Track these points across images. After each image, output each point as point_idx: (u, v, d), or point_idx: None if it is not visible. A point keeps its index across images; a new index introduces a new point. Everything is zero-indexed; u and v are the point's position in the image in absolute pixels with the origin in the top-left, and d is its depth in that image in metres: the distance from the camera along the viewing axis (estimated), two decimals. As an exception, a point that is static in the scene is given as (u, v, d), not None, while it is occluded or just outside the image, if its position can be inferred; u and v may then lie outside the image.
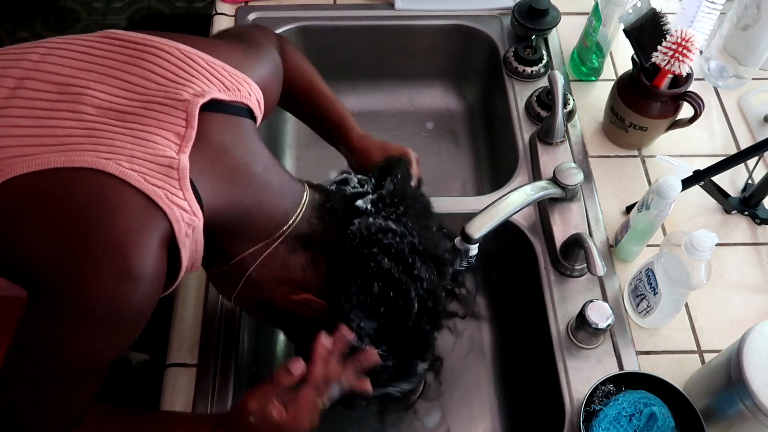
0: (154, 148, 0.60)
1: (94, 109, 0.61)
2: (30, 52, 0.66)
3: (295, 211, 0.70)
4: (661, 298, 0.85)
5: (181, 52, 0.68)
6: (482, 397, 1.05)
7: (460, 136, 1.34)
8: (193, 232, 0.62)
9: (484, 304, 1.14)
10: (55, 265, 0.56)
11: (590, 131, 1.12)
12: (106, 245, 0.56)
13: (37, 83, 0.63)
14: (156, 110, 0.63)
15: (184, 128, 0.63)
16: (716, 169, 0.95)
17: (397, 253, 0.68)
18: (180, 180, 0.60)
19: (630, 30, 0.99)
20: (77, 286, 0.55)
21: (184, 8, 2.47)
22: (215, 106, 0.67)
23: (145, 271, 0.57)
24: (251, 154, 0.69)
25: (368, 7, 1.26)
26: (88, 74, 0.64)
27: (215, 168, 0.64)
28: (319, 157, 1.28)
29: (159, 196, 0.58)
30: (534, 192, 0.89)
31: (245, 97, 0.70)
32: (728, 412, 0.77)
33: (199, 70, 0.68)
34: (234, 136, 0.68)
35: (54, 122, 0.60)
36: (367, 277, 0.67)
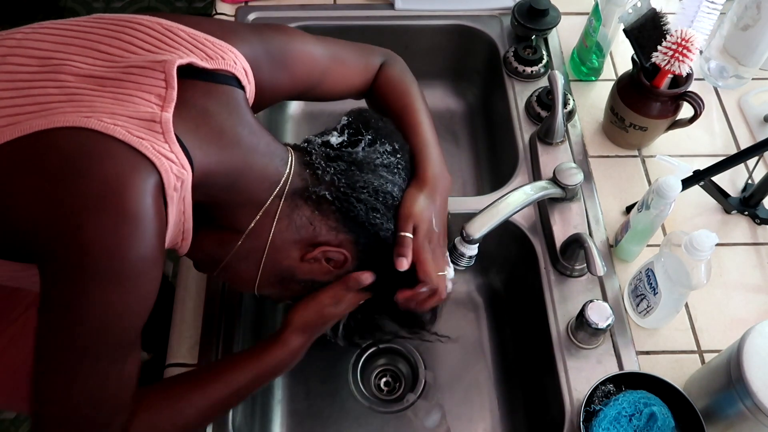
0: (135, 107, 0.60)
1: (74, 78, 0.61)
2: (15, 32, 0.66)
3: (285, 169, 0.71)
4: (661, 298, 0.85)
5: (162, 25, 0.68)
6: (482, 397, 1.05)
7: (460, 136, 1.34)
8: (182, 186, 0.61)
9: (484, 304, 1.14)
10: (51, 225, 0.55)
11: (590, 131, 1.12)
12: (99, 190, 0.55)
13: (19, 58, 0.63)
14: (135, 74, 0.63)
15: (164, 89, 0.62)
16: (716, 169, 0.95)
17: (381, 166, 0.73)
18: (164, 133, 0.59)
19: (630, 30, 0.99)
20: (77, 241, 0.54)
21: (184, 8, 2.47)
22: (198, 74, 0.67)
23: (142, 209, 0.56)
24: (236, 117, 0.68)
25: (368, 7, 1.26)
26: (69, 47, 0.64)
27: (200, 129, 0.64)
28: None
29: (145, 146, 0.57)
30: (534, 192, 0.89)
31: (230, 65, 0.70)
32: (728, 412, 0.77)
33: (180, 41, 0.68)
34: (219, 102, 0.67)
35: (35, 91, 0.60)
36: (377, 208, 0.71)
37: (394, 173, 0.75)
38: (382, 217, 0.72)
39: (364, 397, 1.03)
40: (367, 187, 0.71)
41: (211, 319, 0.91)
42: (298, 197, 0.70)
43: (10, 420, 1.64)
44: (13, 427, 1.63)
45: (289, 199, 0.70)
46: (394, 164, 0.75)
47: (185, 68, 0.65)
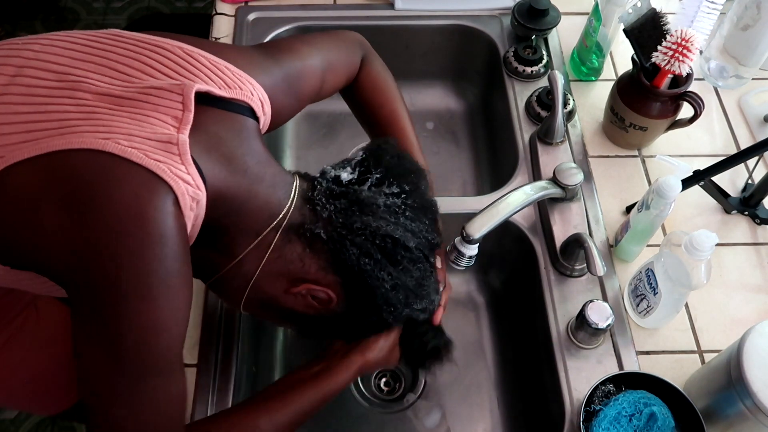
0: (152, 128, 0.60)
1: (91, 95, 0.61)
2: (33, 43, 0.66)
3: (287, 202, 0.70)
4: (661, 298, 0.85)
5: (182, 50, 0.68)
6: (482, 397, 1.05)
7: (460, 136, 1.34)
8: (197, 206, 0.62)
9: (484, 304, 1.15)
10: (76, 252, 0.56)
11: (590, 131, 1.12)
12: (121, 215, 0.56)
13: (36, 71, 0.63)
14: (153, 95, 0.63)
15: (181, 111, 0.63)
16: (716, 169, 0.95)
17: (384, 214, 0.70)
18: (181, 155, 0.60)
19: (630, 30, 0.99)
20: (105, 266, 0.55)
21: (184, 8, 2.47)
22: (214, 101, 0.67)
23: (165, 228, 0.57)
24: (246, 146, 0.68)
25: (368, 7, 1.26)
26: (87, 65, 0.64)
27: (212, 153, 0.64)
28: (319, 157, 1.29)
29: (162, 169, 0.58)
30: (534, 192, 0.89)
31: (246, 96, 0.70)
32: (728, 412, 0.77)
33: (200, 67, 0.68)
34: (230, 129, 0.68)
35: (52, 107, 0.60)
36: (371, 255, 0.69)
37: (397, 215, 0.71)
38: (375, 264, 0.69)
39: (364, 397, 1.03)
40: (365, 229, 0.68)
41: (211, 319, 0.92)
42: (293, 232, 0.69)
43: (10, 420, 1.64)
44: (12, 427, 1.63)
45: (284, 233, 0.69)
46: (399, 206, 0.71)
47: (202, 95, 0.66)
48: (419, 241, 0.71)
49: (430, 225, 0.74)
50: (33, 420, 1.64)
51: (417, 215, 0.72)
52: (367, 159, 0.75)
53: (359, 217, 0.69)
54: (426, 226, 0.73)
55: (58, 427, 1.64)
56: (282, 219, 0.69)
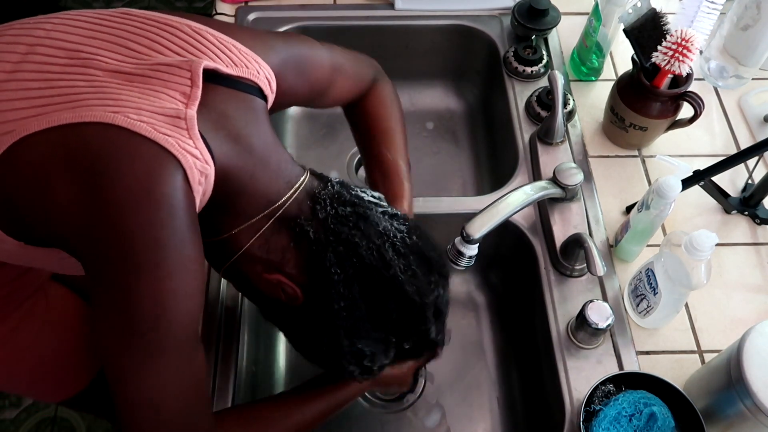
0: (160, 103, 0.61)
1: (102, 72, 0.62)
2: (45, 22, 0.67)
3: (288, 192, 0.70)
4: (661, 298, 0.85)
5: (191, 27, 0.69)
6: (482, 397, 1.05)
7: (460, 136, 1.34)
8: (206, 180, 0.62)
9: (484, 304, 1.15)
10: (89, 225, 0.56)
11: (590, 131, 1.12)
12: (131, 188, 0.56)
13: (48, 49, 0.64)
14: (162, 71, 0.64)
15: (189, 87, 0.63)
16: (716, 169, 0.95)
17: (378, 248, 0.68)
18: (189, 129, 0.60)
19: (630, 30, 0.99)
20: (118, 239, 0.56)
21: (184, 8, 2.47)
22: (221, 80, 0.67)
23: (175, 201, 0.58)
24: (253, 127, 0.69)
25: (368, 7, 1.26)
26: (98, 42, 0.65)
27: (219, 131, 0.65)
28: (319, 157, 1.29)
29: (171, 144, 0.58)
30: (534, 192, 0.89)
31: (253, 74, 0.71)
32: (728, 412, 0.77)
33: (207, 45, 0.68)
34: (237, 108, 0.68)
35: (63, 83, 0.61)
36: (345, 268, 0.67)
37: (393, 246, 0.69)
38: (344, 279, 0.67)
39: (364, 397, 1.03)
40: (351, 241, 0.67)
41: (212, 318, 0.91)
42: (284, 223, 0.69)
43: (10, 420, 1.64)
44: (12, 427, 1.63)
45: (276, 222, 0.69)
46: (399, 239, 0.70)
47: (210, 72, 0.66)
48: (407, 285, 0.68)
49: (426, 278, 0.70)
50: (33, 420, 1.64)
51: (416, 261, 0.70)
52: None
53: (353, 230, 0.68)
54: (423, 278, 0.70)
55: (58, 426, 1.64)
56: (277, 208, 0.69)
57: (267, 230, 0.69)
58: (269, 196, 0.69)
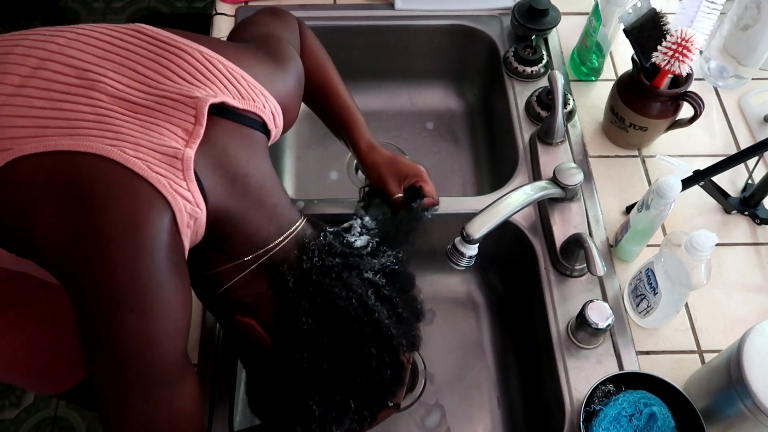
0: (160, 139, 0.61)
1: (107, 97, 0.62)
2: (59, 36, 0.67)
3: (276, 239, 0.69)
4: (661, 298, 0.85)
5: (202, 54, 0.68)
6: (482, 397, 1.05)
7: (460, 136, 1.34)
8: (195, 223, 0.62)
9: (484, 304, 1.14)
10: (72, 254, 0.56)
11: (590, 131, 1.12)
12: (115, 224, 0.56)
13: (58, 66, 0.63)
14: (167, 105, 0.63)
15: (193, 125, 0.63)
16: (716, 169, 0.95)
17: (356, 304, 0.67)
18: (184, 171, 0.60)
19: (630, 30, 0.99)
20: (98, 272, 0.56)
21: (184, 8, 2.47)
22: (227, 113, 0.67)
23: (158, 244, 0.58)
24: (252, 166, 0.68)
25: (368, 7, 1.26)
26: (108, 63, 0.65)
27: (216, 170, 0.65)
28: (319, 157, 1.29)
29: (162, 184, 0.58)
30: (534, 192, 0.89)
31: (259, 108, 0.70)
32: (728, 412, 0.77)
33: (217, 75, 0.68)
34: (239, 146, 0.68)
35: (67, 105, 0.61)
36: (317, 319, 0.67)
37: (377, 294, 0.69)
38: (312, 333, 0.66)
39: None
40: (331, 291, 0.67)
41: (211, 319, 0.91)
42: (266, 270, 0.69)
43: (10, 420, 1.64)
44: (12, 427, 1.63)
45: (259, 267, 0.69)
46: (377, 287, 0.70)
47: (216, 105, 0.66)
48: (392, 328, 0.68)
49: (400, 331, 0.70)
50: (33, 420, 1.64)
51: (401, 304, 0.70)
52: (382, 238, 0.76)
53: (334, 280, 0.68)
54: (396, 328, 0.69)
55: (58, 426, 1.64)
56: (263, 254, 0.69)
57: (248, 274, 0.69)
58: (257, 241, 0.69)
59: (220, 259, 0.69)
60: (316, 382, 0.67)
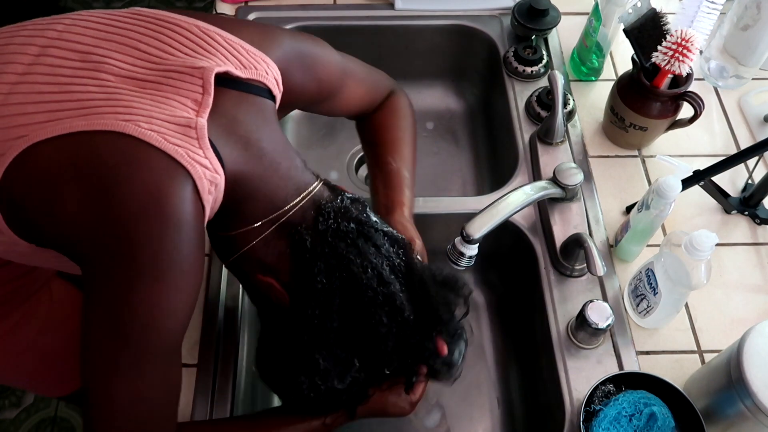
0: (171, 110, 0.61)
1: (113, 77, 0.62)
2: (56, 23, 0.67)
3: (294, 200, 0.70)
4: (661, 298, 0.85)
5: (199, 28, 0.69)
6: (482, 397, 1.05)
7: (460, 136, 1.34)
8: (216, 189, 0.63)
9: (484, 304, 1.14)
10: (96, 232, 0.57)
11: (590, 131, 1.12)
12: (140, 197, 0.57)
13: (60, 51, 0.64)
14: (173, 78, 0.64)
15: (201, 95, 0.63)
16: (716, 169, 0.95)
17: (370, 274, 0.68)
18: (199, 139, 0.61)
19: (630, 30, 0.99)
20: (124, 245, 0.57)
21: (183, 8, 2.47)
22: (231, 83, 0.68)
23: (184, 215, 0.58)
24: (263, 131, 0.69)
25: (368, 7, 1.26)
26: (109, 44, 0.65)
27: (230, 137, 0.65)
28: (319, 157, 1.29)
29: (180, 154, 0.59)
30: (534, 192, 0.89)
31: (262, 75, 0.71)
32: (728, 412, 0.77)
33: (216, 46, 0.68)
34: (248, 112, 0.68)
35: (76, 87, 0.61)
36: (331, 280, 0.68)
37: (390, 263, 0.70)
38: (325, 292, 0.68)
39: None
40: (345, 257, 0.68)
41: (212, 319, 0.92)
42: (285, 230, 0.70)
43: (10, 420, 1.64)
44: (12, 427, 1.63)
45: (278, 227, 0.70)
46: (393, 258, 0.71)
47: (220, 76, 0.66)
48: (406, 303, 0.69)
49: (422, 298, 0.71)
50: (33, 420, 1.64)
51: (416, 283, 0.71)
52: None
53: (349, 246, 0.69)
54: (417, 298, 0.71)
55: (58, 426, 1.64)
56: (282, 214, 0.69)
57: (269, 234, 0.70)
58: (275, 202, 0.69)
59: (240, 222, 0.70)
60: (325, 338, 0.69)
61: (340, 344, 0.69)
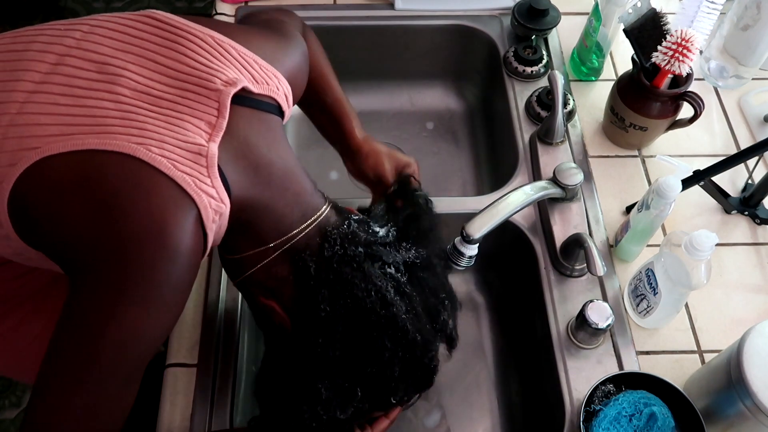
0: (185, 135, 0.61)
1: (129, 92, 0.62)
2: (74, 30, 0.67)
3: (300, 226, 0.70)
4: (661, 298, 0.86)
5: (214, 39, 0.69)
6: (482, 397, 1.05)
7: (460, 136, 1.34)
8: (220, 218, 0.63)
9: (484, 304, 1.14)
10: (93, 245, 0.57)
11: (590, 131, 1.12)
12: (143, 224, 0.57)
13: (78, 61, 0.64)
14: (190, 98, 0.64)
15: (216, 117, 0.64)
16: (716, 169, 0.95)
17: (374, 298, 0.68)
18: (208, 167, 0.61)
19: (630, 30, 0.99)
20: (118, 266, 0.57)
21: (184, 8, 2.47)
22: (245, 99, 0.68)
23: (181, 246, 0.59)
24: (274, 153, 0.69)
25: (368, 7, 1.26)
26: (126, 55, 0.65)
27: (239, 161, 0.65)
28: (319, 157, 1.28)
29: (187, 183, 0.59)
30: (534, 192, 0.89)
31: (273, 91, 0.71)
32: (728, 412, 0.77)
33: (230, 59, 0.69)
34: (260, 133, 0.68)
35: (91, 102, 0.61)
36: (335, 307, 0.68)
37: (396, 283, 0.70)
38: (329, 320, 0.67)
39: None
40: (351, 281, 0.67)
41: (211, 319, 0.92)
42: (289, 256, 0.70)
43: (10, 420, 1.64)
44: (13, 427, 1.63)
45: (283, 253, 0.70)
46: (398, 282, 0.70)
47: (235, 93, 0.66)
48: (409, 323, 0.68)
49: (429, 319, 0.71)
50: (33, 420, 1.64)
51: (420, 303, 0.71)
52: (406, 229, 0.76)
53: (355, 270, 0.68)
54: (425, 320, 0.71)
55: (58, 427, 1.64)
56: (287, 240, 0.70)
57: (272, 260, 0.70)
58: (281, 228, 0.70)
59: (246, 245, 0.70)
60: (327, 367, 0.68)
61: (343, 373, 0.69)
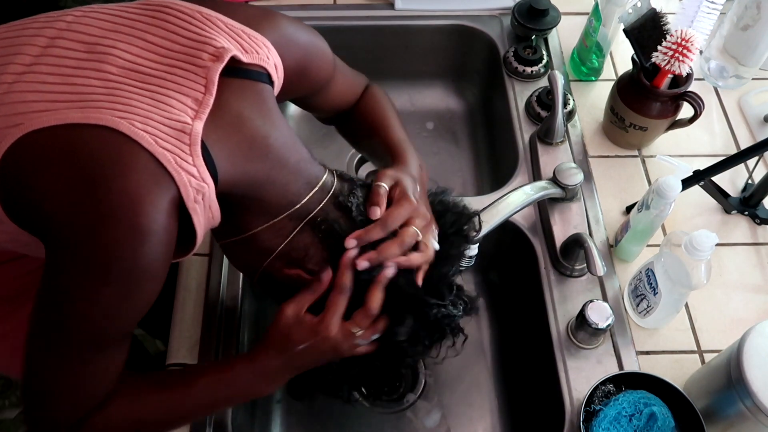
0: (170, 111, 0.61)
1: (117, 69, 0.62)
2: (66, 15, 0.67)
3: (309, 193, 0.71)
4: (661, 298, 0.86)
5: (201, 14, 0.69)
6: (482, 397, 1.05)
7: (460, 136, 1.34)
8: (204, 198, 0.63)
9: (484, 304, 1.14)
10: (68, 219, 0.57)
11: (590, 131, 1.12)
12: (116, 200, 0.57)
13: (68, 42, 0.64)
14: (177, 74, 0.64)
15: (203, 94, 0.63)
16: (716, 169, 0.95)
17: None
18: (191, 145, 0.61)
19: (630, 30, 0.99)
20: (89, 240, 0.57)
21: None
22: (234, 70, 0.67)
23: (154, 226, 0.58)
24: (270, 124, 0.69)
25: (368, 7, 1.26)
26: (117, 35, 0.65)
27: (232, 137, 0.65)
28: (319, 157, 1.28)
29: (168, 159, 0.59)
30: (534, 192, 0.89)
31: (263, 60, 0.71)
32: (728, 412, 0.77)
33: (218, 31, 0.68)
34: (252, 104, 0.68)
35: (78, 80, 0.61)
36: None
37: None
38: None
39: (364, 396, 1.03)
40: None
41: (211, 319, 0.92)
42: (308, 224, 0.70)
43: (10, 420, 1.64)
44: (13, 427, 1.63)
45: (299, 221, 0.70)
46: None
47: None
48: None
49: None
50: (33, 420, 1.64)
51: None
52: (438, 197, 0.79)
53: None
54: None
55: (58, 427, 1.64)
56: (300, 209, 0.70)
57: (290, 230, 0.70)
58: (289, 198, 0.70)
59: (255, 221, 0.70)
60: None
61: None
